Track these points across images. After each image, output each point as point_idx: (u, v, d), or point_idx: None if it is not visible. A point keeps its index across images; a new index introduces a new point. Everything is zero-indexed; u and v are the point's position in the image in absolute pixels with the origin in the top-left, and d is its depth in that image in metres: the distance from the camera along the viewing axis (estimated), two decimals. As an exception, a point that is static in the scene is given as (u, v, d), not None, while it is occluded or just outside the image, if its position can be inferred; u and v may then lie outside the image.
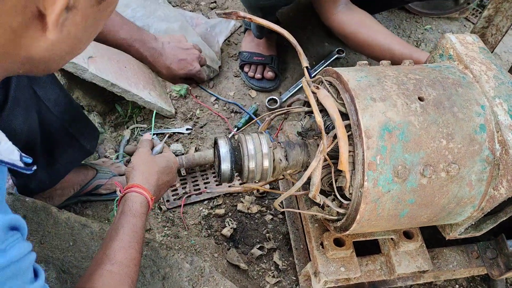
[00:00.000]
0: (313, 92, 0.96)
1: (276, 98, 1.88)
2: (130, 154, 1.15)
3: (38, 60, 0.55)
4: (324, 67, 2.00)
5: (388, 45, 1.48)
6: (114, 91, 1.56)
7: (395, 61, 1.18)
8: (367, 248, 1.30)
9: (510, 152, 0.93)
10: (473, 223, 1.10)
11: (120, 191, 1.01)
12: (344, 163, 0.89)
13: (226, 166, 1.01)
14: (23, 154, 0.62)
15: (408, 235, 1.25)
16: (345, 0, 1.59)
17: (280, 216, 1.57)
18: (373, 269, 1.26)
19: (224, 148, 1.00)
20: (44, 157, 1.24)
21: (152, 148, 1.19)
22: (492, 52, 1.31)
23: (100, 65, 1.53)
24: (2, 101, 0.99)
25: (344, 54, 2.04)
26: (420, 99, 0.96)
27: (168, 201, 1.57)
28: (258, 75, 1.90)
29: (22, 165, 0.62)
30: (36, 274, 0.62)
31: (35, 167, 0.64)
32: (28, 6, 0.47)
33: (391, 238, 1.24)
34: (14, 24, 0.48)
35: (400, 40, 1.50)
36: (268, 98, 1.88)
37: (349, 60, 2.09)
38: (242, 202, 1.58)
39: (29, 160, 0.63)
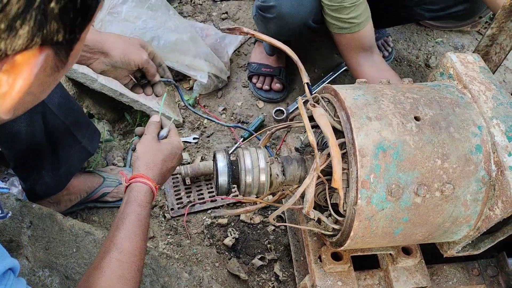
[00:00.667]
0: (309, 110, 0.97)
1: (283, 109, 1.90)
2: (141, 135, 1.17)
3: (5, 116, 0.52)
4: (332, 79, 2.02)
5: None
6: (123, 100, 1.60)
7: None
8: (366, 262, 1.31)
9: (506, 174, 0.93)
10: (470, 241, 1.11)
11: (125, 181, 1.03)
12: (337, 181, 0.90)
13: (223, 179, 1.03)
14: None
15: (407, 251, 1.25)
16: (370, 52, 1.55)
17: (282, 227, 1.58)
18: (371, 284, 1.26)
19: (221, 162, 1.03)
20: (50, 160, 1.28)
21: (161, 129, 1.18)
22: (495, 70, 1.32)
23: (109, 75, 1.56)
24: None
25: (352, 66, 2.05)
26: (416, 118, 0.97)
27: (172, 209, 1.60)
28: (266, 86, 1.92)
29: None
30: None
31: (10, 214, 0.66)
32: None
33: (390, 254, 1.25)
34: None
35: None
36: (275, 109, 1.90)
37: (358, 72, 2.09)
38: (245, 212, 1.60)
39: (5, 190, 0.64)
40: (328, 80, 2.00)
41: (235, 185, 1.08)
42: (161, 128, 1.18)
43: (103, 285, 0.85)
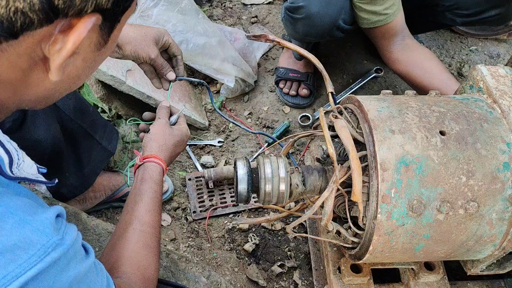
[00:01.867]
0: (331, 121, 0.96)
1: (309, 115, 1.88)
2: (148, 120, 1.23)
3: (41, 98, 0.61)
4: (361, 85, 1.99)
5: (442, 93, 1.38)
6: (150, 103, 1.63)
7: None
8: (387, 275, 1.28)
9: (534, 193, 0.90)
10: (495, 260, 1.07)
11: (139, 160, 1.08)
12: (357, 195, 0.89)
13: (242, 187, 1.03)
14: (38, 165, 0.67)
15: (429, 266, 1.22)
16: (402, 36, 1.55)
17: (302, 236, 1.57)
18: (391, 298, 1.24)
19: (242, 170, 1.03)
20: (73, 163, 1.31)
21: (170, 116, 1.24)
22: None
23: (137, 77, 1.59)
24: (21, 115, 1.05)
25: (382, 73, 2.02)
26: (442, 133, 0.95)
27: (194, 212, 1.61)
28: (292, 92, 1.92)
29: (43, 178, 0.67)
30: (86, 251, 0.67)
31: (56, 180, 0.69)
32: (36, 50, 0.52)
33: (412, 268, 1.22)
34: (23, 65, 0.53)
35: (456, 86, 1.35)
36: (301, 115, 1.89)
37: (387, 80, 2.06)
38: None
39: (44, 170, 0.68)
40: (357, 87, 1.97)
41: (255, 193, 1.08)
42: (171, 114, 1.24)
43: (130, 253, 0.89)
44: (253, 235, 1.56)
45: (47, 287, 0.54)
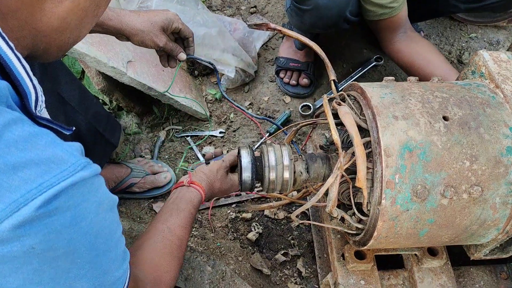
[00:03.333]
0: (334, 108, 0.97)
1: (310, 105, 1.88)
2: (207, 159, 1.31)
3: (53, 32, 0.63)
4: (361, 74, 1.99)
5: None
6: (151, 94, 1.62)
7: None
8: (390, 262, 1.29)
9: (538, 177, 0.90)
10: (499, 245, 1.08)
11: (187, 182, 1.15)
12: (361, 181, 0.89)
13: (247, 175, 1.03)
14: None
15: (432, 251, 1.23)
16: (404, 29, 1.57)
17: (306, 223, 1.58)
18: (394, 284, 1.25)
19: (246, 159, 1.03)
20: None
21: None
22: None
23: (138, 69, 1.59)
24: None
25: (382, 61, 2.01)
26: (445, 118, 0.95)
27: (197, 202, 1.62)
28: (293, 81, 1.91)
29: (61, 124, 0.69)
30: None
31: (74, 128, 0.71)
32: None
33: (415, 254, 1.23)
34: None
35: (457, 75, 1.37)
36: (302, 104, 1.89)
37: (387, 68, 2.06)
38: (269, 207, 1.61)
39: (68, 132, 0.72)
40: (357, 76, 1.97)
41: (259, 181, 1.08)
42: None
43: (154, 255, 0.93)
44: (256, 224, 1.56)
45: (76, 203, 0.57)
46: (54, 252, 0.56)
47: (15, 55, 0.59)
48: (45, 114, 0.69)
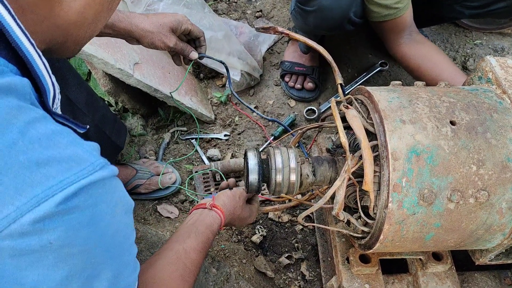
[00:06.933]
0: (341, 111, 0.97)
1: (315, 109, 1.89)
2: (222, 188, 1.33)
3: (70, 26, 0.65)
4: (366, 79, 1.99)
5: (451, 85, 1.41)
6: (157, 96, 1.63)
7: None
8: (395, 266, 1.29)
9: (544, 182, 0.91)
10: (504, 250, 1.08)
11: (210, 205, 1.16)
12: (368, 184, 0.90)
13: (253, 178, 1.04)
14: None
15: (437, 256, 1.23)
16: (410, 31, 1.56)
17: (310, 227, 1.58)
18: (399, 288, 1.25)
19: (252, 161, 1.04)
20: None
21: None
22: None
23: (144, 71, 1.60)
24: None
25: (387, 66, 2.02)
26: (452, 123, 0.95)
27: (202, 204, 1.62)
28: (298, 85, 1.92)
29: (76, 122, 0.70)
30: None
31: (88, 126, 0.72)
32: None
33: (420, 258, 1.23)
34: None
35: (464, 79, 1.38)
36: (307, 108, 1.89)
37: (392, 73, 2.06)
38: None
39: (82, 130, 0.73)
40: (362, 81, 1.98)
41: (265, 184, 1.08)
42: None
43: (165, 275, 0.92)
44: (260, 227, 1.56)
45: (94, 202, 0.58)
46: (70, 249, 0.57)
47: (36, 51, 0.60)
48: (59, 112, 0.70)
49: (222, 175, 1.62)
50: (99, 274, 0.62)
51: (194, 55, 1.32)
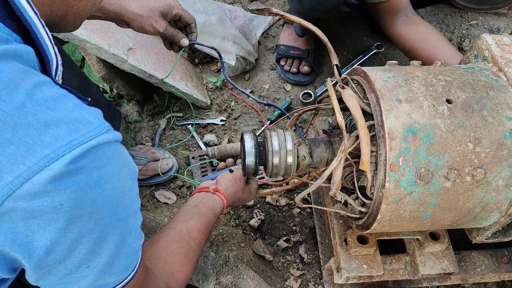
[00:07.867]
0: (338, 92, 0.96)
1: (311, 92, 1.88)
2: (219, 169, 1.39)
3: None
4: (362, 62, 1.98)
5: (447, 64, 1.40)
6: (152, 82, 1.62)
7: None
8: (392, 247, 1.30)
9: (541, 159, 0.91)
10: (501, 228, 1.09)
11: (213, 189, 1.18)
12: (365, 164, 0.90)
13: (250, 160, 1.03)
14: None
15: (434, 236, 1.24)
16: (405, 11, 1.56)
17: (308, 210, 1.59)
18: (397, 268, 1.26)
19: (249, 143, 1.03)
20: None
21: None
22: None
23: (139, 56, 1.58)
24: None
25: (383, 49, 2.01)
26: (448, 101, 0.95)
27: (199, 190, 1.62)
28: (293, 69, 1.91)
29: (77, 94, 0.71)
30: None
31: (89, 99, 0.73)
32: None
33: (417, 238, 1.24)
34: None
35: (460, 58, 1.39)
36: (303, 92, 1.88)
37: (388, 55, 2.05)
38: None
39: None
40: (358, 63, 1.97)
41: (262, 166, 1.08)
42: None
43: (168, 252, 0.94)
44: (258, 211, 1.57)
45: (101, 164, 0.59)
46: (80, 210, 0.58)
47: (40, 21, 0.60)
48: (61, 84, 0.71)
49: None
50: (106, 237, 0.64)
51: (184, 42, 1.30)
